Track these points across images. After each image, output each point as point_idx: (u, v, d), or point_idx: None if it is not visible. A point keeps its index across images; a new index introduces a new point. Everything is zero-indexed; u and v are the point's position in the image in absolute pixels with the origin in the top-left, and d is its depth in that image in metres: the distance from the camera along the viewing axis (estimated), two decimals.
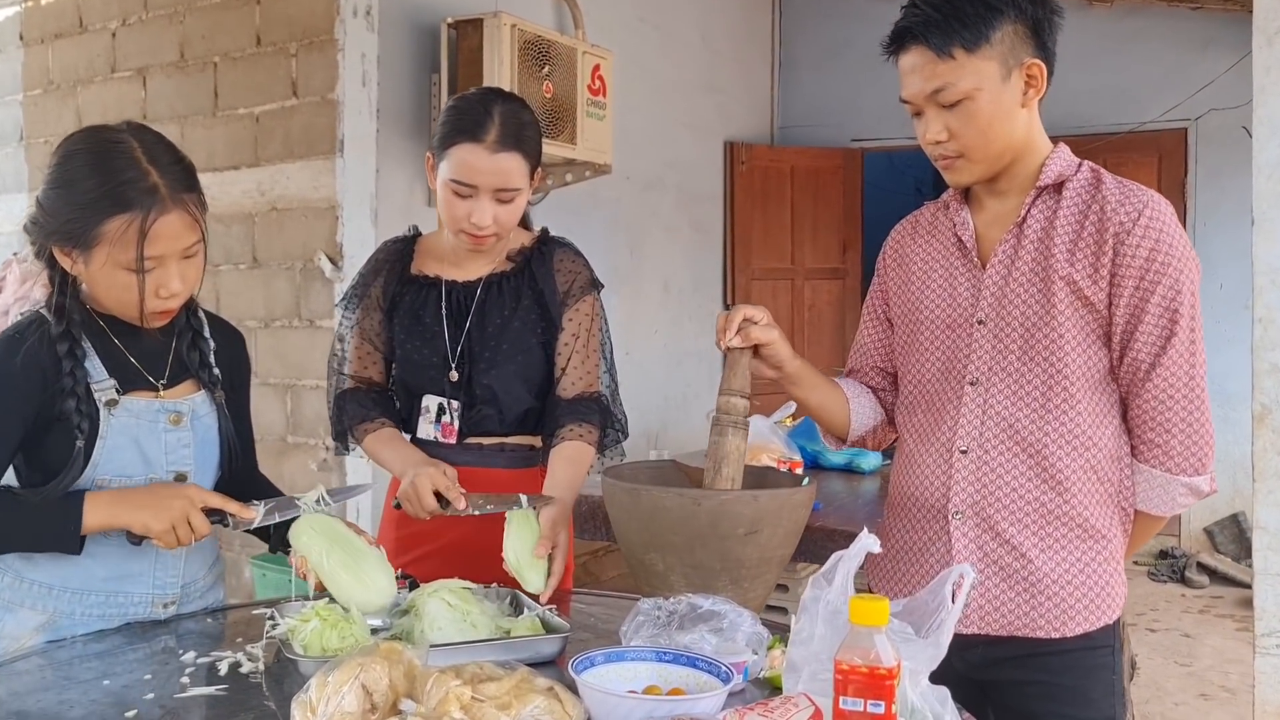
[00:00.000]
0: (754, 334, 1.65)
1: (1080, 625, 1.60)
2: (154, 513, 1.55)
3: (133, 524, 1.56)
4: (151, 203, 1.50)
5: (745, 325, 1.65)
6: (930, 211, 1.80)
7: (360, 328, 2.06)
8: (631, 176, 5.32)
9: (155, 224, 1.50)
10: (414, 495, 1.81)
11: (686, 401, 5.82)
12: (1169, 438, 1.58)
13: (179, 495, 1.57)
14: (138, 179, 1.51)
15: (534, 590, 1.72)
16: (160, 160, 1.54)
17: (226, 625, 1.72)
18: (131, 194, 1.50)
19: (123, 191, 1.50)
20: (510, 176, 1.88)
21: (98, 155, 1.53)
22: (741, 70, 6.52)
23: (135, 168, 1.51)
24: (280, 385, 4.15)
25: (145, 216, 1.50)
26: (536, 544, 1.75)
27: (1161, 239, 1.55)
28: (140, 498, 1.57)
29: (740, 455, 1.66)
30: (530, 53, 4.05)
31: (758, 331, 1.65)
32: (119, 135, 1.55)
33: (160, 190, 1.51)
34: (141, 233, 1.50)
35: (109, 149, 1.53)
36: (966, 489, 1.64)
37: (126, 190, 1.50)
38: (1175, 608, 5.32)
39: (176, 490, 1.58)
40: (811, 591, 1.28)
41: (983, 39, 1.54)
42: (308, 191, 4.07)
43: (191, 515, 1.56)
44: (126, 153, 1.52)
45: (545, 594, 1.73)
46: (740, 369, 1.67)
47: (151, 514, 1.55)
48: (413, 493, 1.81)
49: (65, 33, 4.81)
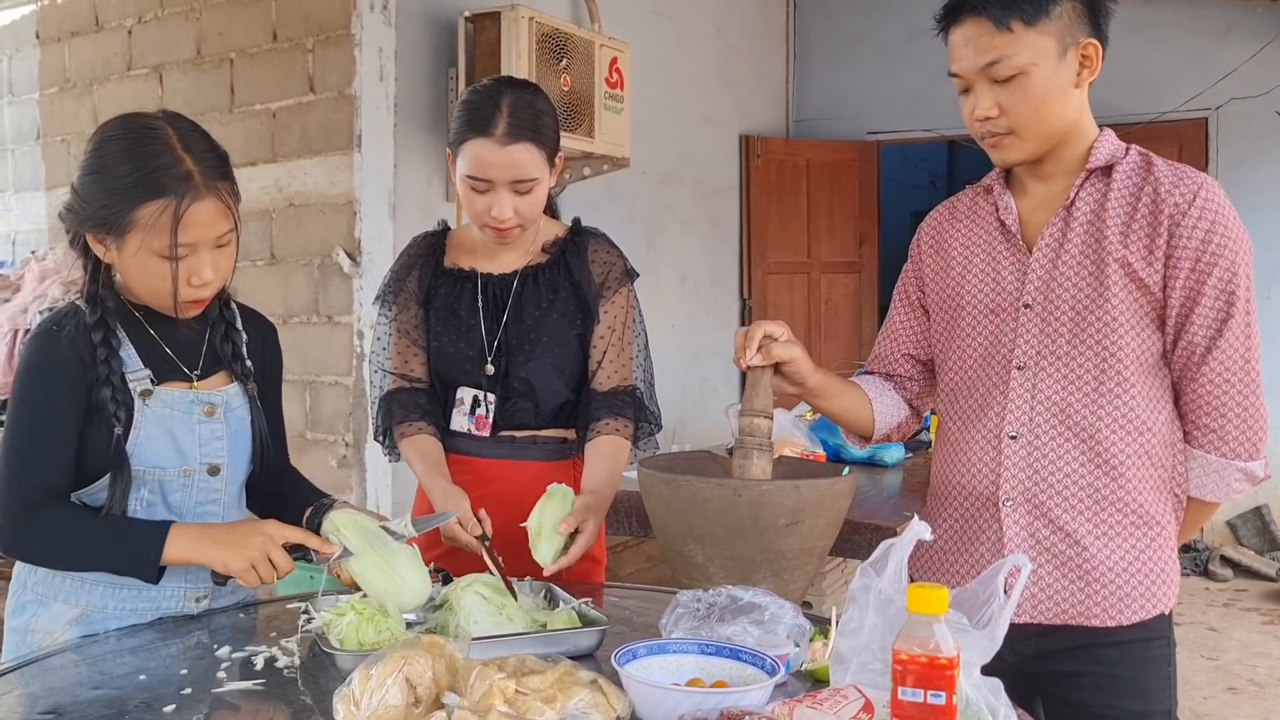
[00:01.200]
0: (775, 351, 1.62)
1: (1136, 614, 1.57)
2: (233, 550, 1.53)
3: (213, 562, 1.54)
4: (185, 189, 1.49)
5: (765, 343, 1.62)
6: (970, 196, 1.77)
7: (398, 324, 2.04)
8: (648, 170, 5.29)
9: (189, 210, 1.49)
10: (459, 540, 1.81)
11: (704, 396, 5.80)
12: (1224, 422, 1.56)
13: (258, 533, 1.55)
14: (172, 165, 1.49)
15: (541, 561, 1.72)
16: (195, 148, 1.53)
17: (259, 620, 1.70)
18: (165, 180, 1.49)
19: (157, 177, 1.48)
20: (524, 167, 1.86)
21: (133, 141, 1.52)
22: (757, 63, 6.49)
23: (170, 154, 1.50)
24: (299, 381, 4.13)
25: (179, 203, 1.48)
26: (561, 520, 1.75)
27: (1218, 221, 1.53)
28: (220, 534, 1.56)
29: (766, 478, 1.63)
30: (548, 46, 4.03)
31: (779, 349, 1.62)
32: (154, 122, 1.54)
33: (194, 177, 1.50)
34: (175, 219, 1.48)
35: (144, 135, 1.52)
36: (1018, 475, 1.61)
37: (160, 176, 1.49)
38: (1199, 601, 5.29)
39: (255, 527, 1.56)
40: (860, 581, 1.25)
41: (1042, 13, 1.52)
42: (325, 187, 4.05)
43: (272, 553, 1.54)
44: (161, 139, 1.51)
45: (549, 569, 1.73)
46: (762, 388, 1.64)
47: (231, 552, 1.53)
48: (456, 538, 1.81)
49: (81, 31, 4.80)
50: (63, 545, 1.56)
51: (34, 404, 1.55)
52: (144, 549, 1.53)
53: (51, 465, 1.54)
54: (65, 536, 1.55)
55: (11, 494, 1.53)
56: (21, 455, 1.54)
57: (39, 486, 1.53)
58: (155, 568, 1.54)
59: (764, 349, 1.63)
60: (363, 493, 4.02)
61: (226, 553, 1.53)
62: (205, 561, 1.55)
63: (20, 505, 1.53)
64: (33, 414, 1.55)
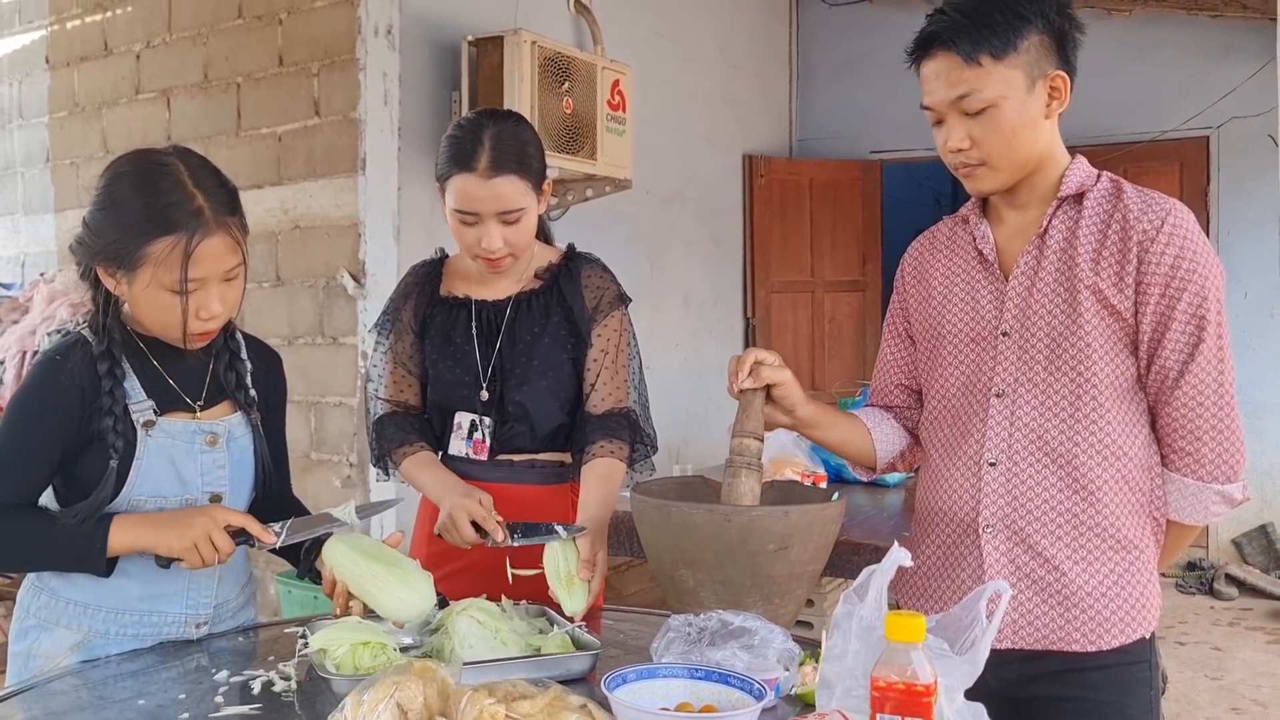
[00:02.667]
0: (764, 374, 1.66)
1: (1116, 638, 1.58)
2: (176, 533, 1.56)
3: (156, 546, 1.57)
4: (196, 225, 1.52)
5: (756, 367, 1.66)
6: (948, 226, 1.80)
7: (393, 352, 2.07)
8: (651, 190, 5.33)
9: (199, 246, 1.52)
10: (451, 527, 1.82)
11: (708, 415, 5.82)
12: (1199, 445, 1.57)
13: (200, 514, 1.58)
14: (183, 202, 1.53)
15: (572, 613, 1.72)
16: (205, 184, 1.56)
17: (258, 643, 1.73)
18: (176, 216, 1.52)
19: (168, 214, 1.52)
20: (510, 199, 1.89)
21: (144, 178, 1.55)
22: (760, 83, 6.54)
23: (180, 190, 1.53)
24: (304, 403, 4.17)
25: (190, 239, 1.51)
26: (578, 566, 1.76)
27: (1185, 246, 1.55)
28: (163, 519, 1.59)
29: (755, 497, 1.65)
30: (550, 69, 4.07)
31: (768, 372, 1.66)
32: (165, 158, 1.57)
33: (205, 213, 1.53)
34: (186, 254, 1.51)
35: (155, 171, 1.55)
36: (997, 502, 1.63)
37: (171, 213, 1.52)
38: (1204, 620, 5.27)
39: (198, 510, 1.60)
40: (844, 607, 1.27)
41: (1010, 47, 1.55)
42: (330, 210, 4.10)
43: (214, 534, 1.57)
44: (172, 175, 1.54)
45: (580, 614, 1.74)
46: (753, 410, 1.67)
47: (174, 534, 1.56)
48: (450, 524, 1.82)
49: (91, 55, 4.86)
50: (14, 550, 1.60)
51: (20, 426, 1.58)
52: (89, 541, 1.56)
53: (18, 485, 1.57)
54: (16, 542, 1.58)
55: None
56: None
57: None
58: (102, 559, 1.57)
59: (755, 373, 1.66)
60: None
61: (169, 535, 1.56)
62: (148, 546, 1.57)
63: None
64: (16, 435, 1.58)
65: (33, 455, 1.58)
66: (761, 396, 1.68)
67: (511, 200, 1.89)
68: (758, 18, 6.51)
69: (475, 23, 4.15)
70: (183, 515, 1.59)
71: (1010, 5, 1.55)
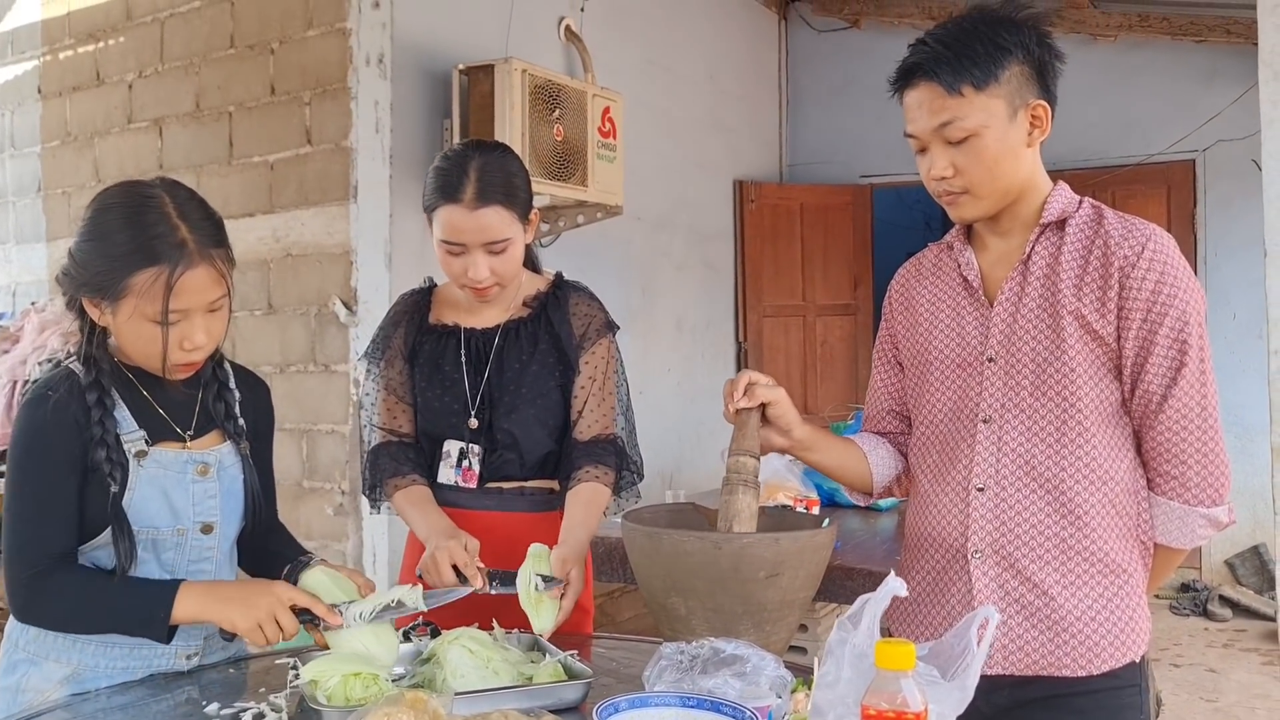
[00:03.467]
0: (759, 393, 1.67)
1: (1106, 663, 1.59)
2: (242, 610, 1.55)
3: (220, 620, 1.57)
4: (179, 257, 1.53)
5: (750, 387, 1.67)
6: (934, 253, 1.82)
7: (385, 380, 2.07)
8: (642, 216, 5.35)
9: (181, 278, 1.53)
10: (433, 568, 1.81)
11: (700, 440, 5.82)
12: (1184, 469, 1.58)
13: (266, 594, 1.57)
14: (167, 234, 1.53)
15: (539, 630, 1.72)
16: (191, 216, 1.57)
17: (249, 675, 1.72)
18: (160, 248, 1.52)
19: (152, 245, 1.52)
20: (496, 229, 1.90)
21: (130, 209, 1.55)
22: (749, 109, 6.58)
23: (165, 223, 1.54)
24: (296, 430, 4.17)
25: (172, 270, 1.52)
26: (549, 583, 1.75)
27: (1166, 272, 1.57)
28: (228, 592, 1.58)
29: (752, 514, 1.66)
30: (541, 97, 4.10)
31: (762, 391, 1.67)
32: (151, 190, 1.58)
33: (189, 245, 1.54)
34: (168, 286, 1.52)
35: (141, 203, 1.56)
36: (985, 527, 1.64)
37: (156, 244, 1.52)
38: (1199, 642, 5.27)
39: (265, 588, 1.59)
40: (837, 634, 1.27)
41: (992, 77, 1.57)
42: (322, 237, 4.11)
43: (279, 614, 1.56)
44: (158, 208, 1.55)
45: (548, 632, 1.72)
46: (749, 429, 1.68)
47: (239, 611, 1.55)
48: (432, 565, 1.81)
49: (83, 85, 4.89)
50: (73, 610, 1.58)
51: (33, 470, 1.57)
52: (154, 609, 1.55)
53: (57, 530, 1.57)
54: (75, 602, 1.57)
55: (21, 563, 1.55)
56: (27, 523, 1.56)
57: (46, 554, 1.55)
58: (165, 627, 1.56)
59: (749, 392, 1.67)
60: (359, 541, 4.03)
61: (235, 612, 1.56)
62: (213, 619, 1.57)
63: (30, 574, 1.55)
64: (33, 481, 1.57)
65: (57, 496, 1.57)
66: (757, 416, 1.69)
67: (497, 231, 1.90)
68: (746, 44, 6.56)
69: (466, 51, 4.19)
70: (248, 591, 1.58)
71: (991, 36, 1.58)
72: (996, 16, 1.61)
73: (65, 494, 1.57)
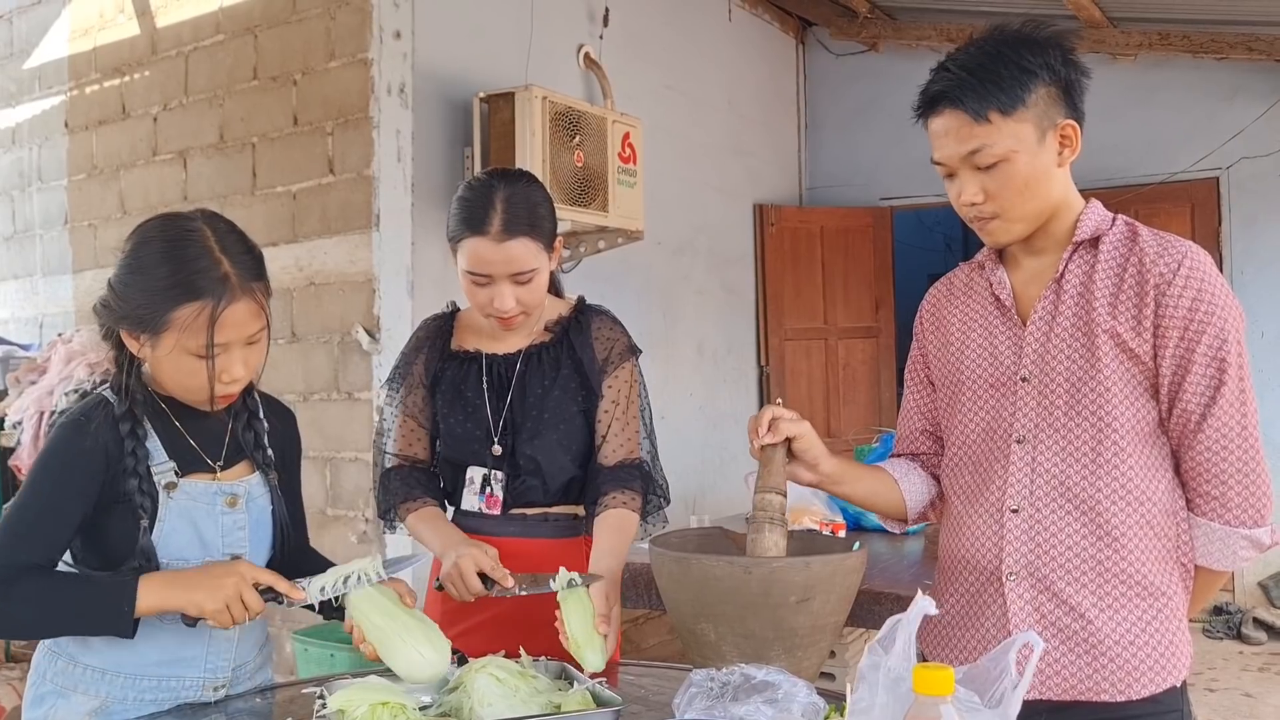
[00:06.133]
0: (783, 428, 1.64)
1: (1146, 688, 1.55)
2: (207, 593, 1.54)
3: (186, 606, 1.55)
4: (222, 291, 1.53)
5: (774, 423, 1.64)
6: (965, 272, 1.80)
7: (404, 405, 2.07)
8: (663, 241, 5.36)
9: (225, 312, 1.53)
10: (458, 577, 1.80)
11: (724, 464, 5.80)
12: (1225, 489, 1.55)
13: (230, 573, 1.56)
14: (209, 268, 1.53)
15: (593, 669, 1.69)
16: (231, 249, 1.57)
17: (275, 704, 1.71)
18: (203, 283, 1.52)
19: (194, 280, 1.52)
20: (522, 260, 1.89)
21: (171, 243, 1.55)
22: (768, 133, 6.59)
23: (207, 257, 1.54)
24: (319, 458, 4.17)
25: (215, 305, 1.52)
26: (594, 620, 1.72)
27: (1204, 289, 1.54)
28: (191, 579, 1.56)
29: (780, 551, 1.64)
30: (561, 124, 4.12)
31: (786, 425, 1.64)
32: (192, 224, 1.58)
33: (231, 279, 1.54)
34: (211, 320, 1.52)
35: (183, 237, 1.56)
36: (1020, 549, 1.61)
37: (198, 279, 1.52)
38: (1234, 665, 5.18)
39: (227, 568, 1.58)
40: (869, 659, 1.25)
41: (1019, 102, 1.54)
42: (345, 266, 4.13)
43: (244, 593, 1.55)
44: (199, 241, 1.55)
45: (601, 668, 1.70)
46: (775, 466, 1.66)
47: (205, 594, 1.54)
48: (456, 574, 1.80)
49: (109, 119, 4.94)
50: (38, 614, 1.54)
51: (43, 487, 1.57)
52: (116, 601, 1.53)
53: (39, 545, 1.55)
54: (39, 604, 1.54)
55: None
56: (13, 531, 1.55)
57: (18, 562, 1.53)
58: (129, 620, 1.53)
59: (773, 428, 1.65)
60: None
61: (200, 594, 1.53)
62: (178, 606, 1.55)
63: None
64: (39, 497, 1.57)
65: (56, 515, 1.56)
66: (783, 452, 1.67)
67: (524, 262, 1.89)
68: (765, 69, 6.58)
69: (486, 79, 4.21)
70: (211, 574, 1.56)
71: (1015, 60, 1.55)
72: (1019, 37, 1.58)
73: (63, 515, 1.56)
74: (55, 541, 1.57)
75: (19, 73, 5.42)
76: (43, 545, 1.56)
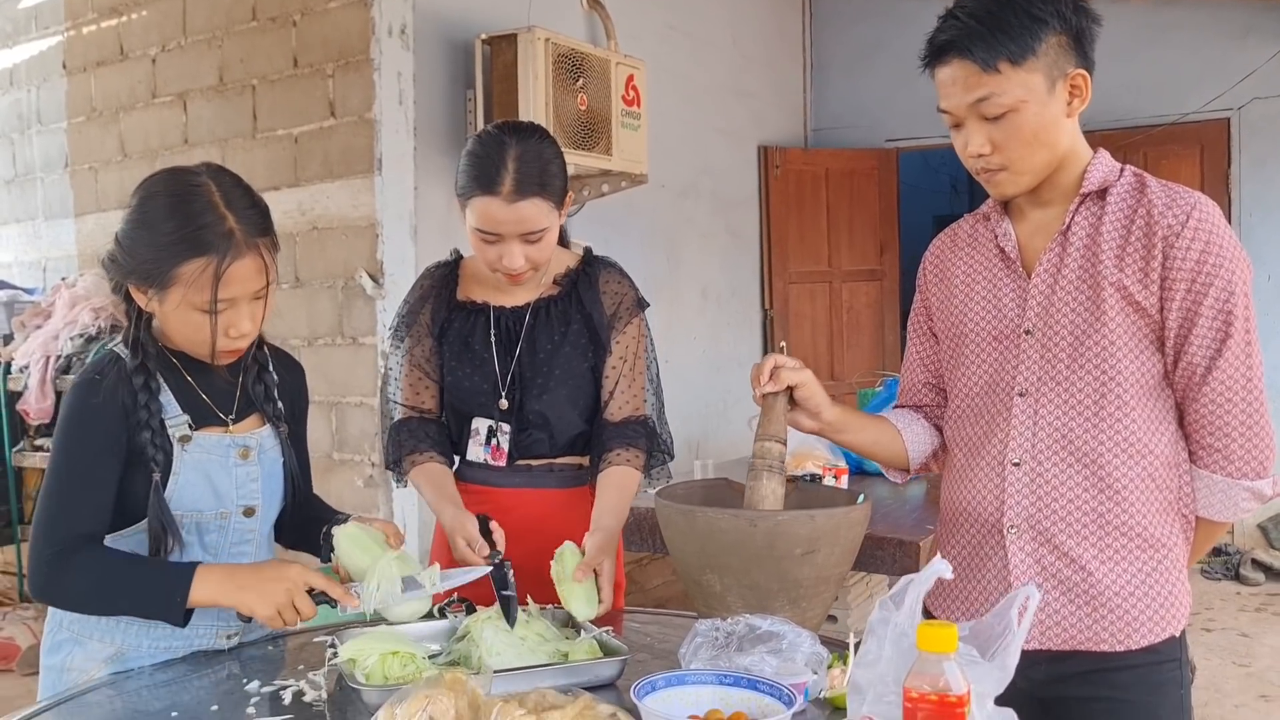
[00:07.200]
0: (784, 376, 1.65)
1: (1145, 637, 1.57)
2: (258, 596, 1.55)
3: (238, 605, 1.57)
4: (227, 247, 1.52)
5: (776, 371, 1.65)
6: (969, 223, 1.78)
7: (411, 356, 2.06)
8: (666, 184, 5.32)
9: (230, 268, 1.52)
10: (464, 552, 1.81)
11: (727, 408, 5.82)
12: (1228, 442, 1.56)
13: (283, 578, 1.57)
14: (215, 223, 1.52)
15: (583, 617, 1.71)
16: (237, 204, 1.55)
17: (287, 651, 1.74)
18: (208, 238, 1.52)
19: (200, 235, 1.52)
20: (533, 221, 1.87)
21: (176, 198, 1.54)
22: (773, 74, 6.51)
23: (212, 212, 1.53)
24: (325, 403, 4.19)
25: (221, 261, 1.51)
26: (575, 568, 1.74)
27: (1211, 241, 1.53)
28: (244, 578, 1.57)
29: (777, 499, 1.65)
30: (564, 66, 4.06)
31: (788, 374, 1.65)
32: (198, 178, 1.57)
33: (236, 235, 1.53)
34: (216, 276, 1.51)
35: (188, 192, 1.55)
36: (1021, 502, 1.62)
37: (203, 234, 1.52)
38: (1231, 606, 5.24)
39: (280, 572, 1.58)
40: (879, 614, 1.27)
41: (1028, 51, 1.52)
42: (347, 210, 4.11)
43: (296, 599, 1.56)
44: (204, 196, 1.54)
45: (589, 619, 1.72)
46: (776, 414, 1.67)
47: (256, 597, 1.55)
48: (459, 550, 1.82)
49: (106, 60, 4.89)
50: (91, 591, 1.58)
51: (73, 451, 1.58)
52: (170, 592, 1.55)
53: (86, 513, 1.57)
54: (94, 582, 1.57)
55: (45, 542, 1.56)
56: (57, 503, 1.57)
57: (72, 534, 1.56)
58: (182, 611, 1.56)
59: (775, 376, 1.65)
60: (389, 512, 4.06)
61: (251, 598, 1.56)
62: (231, 605, 1.58)
63: (52, 553, 1.55)
64: (71, 461, 1.58)
65: (91, 479, 1.57)
66: (784, 400, 1.68)
67: (535, 222, 1.87)
68: (769, 8, 6.48)
69: (488, 21, 4.15)
70: (264, 576, 1.57)
71: (1025, 8, 1.52)
72: None
73: (100, 478, 1.57)
74: (99, 505, 1.58)
75: (14, 12, 5.35)
76: (89, 512, 1.57)
